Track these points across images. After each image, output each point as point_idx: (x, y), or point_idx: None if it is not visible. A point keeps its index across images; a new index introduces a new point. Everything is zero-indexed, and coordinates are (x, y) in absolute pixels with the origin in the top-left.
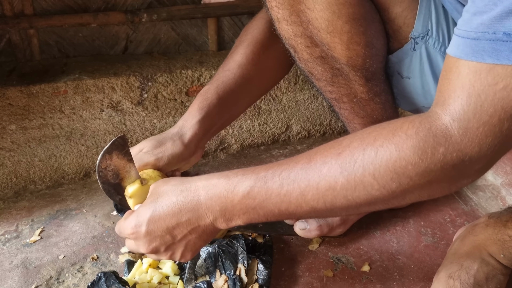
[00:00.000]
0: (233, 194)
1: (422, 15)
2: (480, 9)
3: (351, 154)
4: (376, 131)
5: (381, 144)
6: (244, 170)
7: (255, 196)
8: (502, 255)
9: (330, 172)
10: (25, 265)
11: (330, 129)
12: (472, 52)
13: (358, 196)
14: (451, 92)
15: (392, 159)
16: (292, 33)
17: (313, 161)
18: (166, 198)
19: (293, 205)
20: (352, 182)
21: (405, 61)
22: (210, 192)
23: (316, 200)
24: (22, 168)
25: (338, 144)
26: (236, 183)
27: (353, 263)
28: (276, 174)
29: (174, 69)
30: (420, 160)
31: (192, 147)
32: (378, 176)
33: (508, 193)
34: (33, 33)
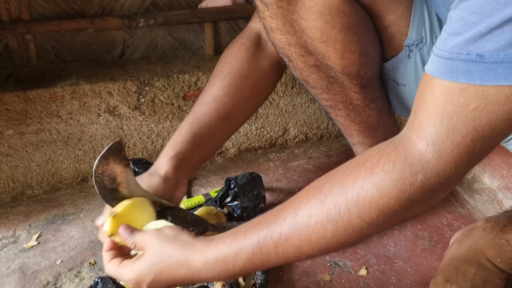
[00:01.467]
0: (234, 265)
1: (416, 23)
2: (455, 30)
3: (334, 201)
4: (354, 172)
5: (361, 185)
6: (236, 237)
7: (255, 262)
8: (499, 259)
9: (318, 223)
10: (22, 270)
11: (327, 132)
12: (446, 71)
13: (349, 237)
14: (426, 113)
15: (374, 198)
16: (286, 42)
17: (299, 215)
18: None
19: (291, 258)
20: (342, 228)
21: (400, 69)
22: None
23: (311, 250)
24: (19, 173)
25: (319, 192)
26: (234, 255)
27: (350, 267)
28: (268, 237)
29: (171, 73)
30: (401, 193)
31: (172, 181)
32: (364, 216)
33: (505, 197)
34: (30, 38)
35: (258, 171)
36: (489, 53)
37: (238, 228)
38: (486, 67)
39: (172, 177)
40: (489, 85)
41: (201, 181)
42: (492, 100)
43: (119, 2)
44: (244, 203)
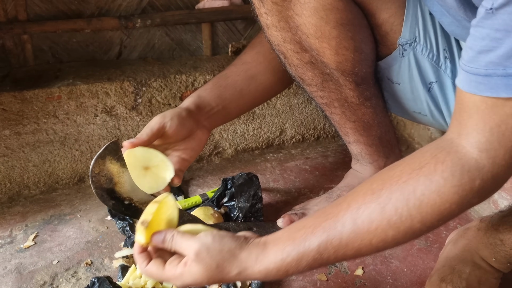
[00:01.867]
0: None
1: (409, 22)
2: (484, 47)
3: (395, 208)
4: (412, 179)
5: (422, 193)
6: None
7: (313, 267)
8: (493, 258)
9: (379, 229)
10: (19, 270)
11: (324, 133)
12: (486, 88)
13: (408, 239)
14: (474, 125)
15: (436, 205)
16: (281, 39)
17: (359, 221)
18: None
19: (348, 259)
20: (402, 232)
21: (394, 67)
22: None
23: (369, 251)
24: (16, 173)
25: (377, 197)
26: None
27: (347, 267)
28: (328, 244)
29: (168, 74)
30: (461, 198)
31: (190, 117)
32: (425, 221)
33: (500, 197)
34: (27, 38)
35: (255, 172)
36: None
37: (292, 233)
38: None
39: (191, 112)
40: None
41: (198, 181)
42: None
43: (116, 3)
44: (241, 203)
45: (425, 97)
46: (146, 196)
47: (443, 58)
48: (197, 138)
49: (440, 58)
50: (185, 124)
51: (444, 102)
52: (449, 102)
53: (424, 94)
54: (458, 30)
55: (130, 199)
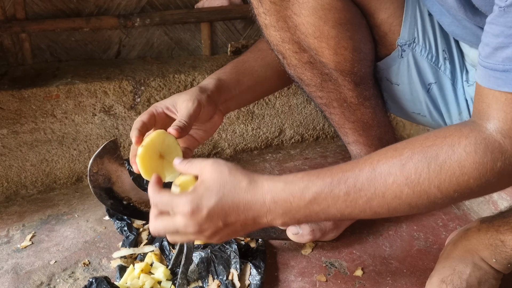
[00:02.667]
0: (299, 200)
1: (408, 23)
2: (500, 44)
3: (415, 167)
4: (436, 146)
5: (444, 160)
6: (309, 175)
7: (321, 201)
8: (494, 259)
9: (396, 183)
10: (16, 270)
11: (323, 133)
12: (504, 83)
13: (421, 204)
14: (495, 114)
15: (455, 175)
16: (280, 39)
17: (377, 170)
18: (233, 192)
19: (357, 210)
20: (418, 193)
21: (393, 68)
22: (277, 196)
23: (380, 207)
24: (13, 173)
25: (399, 154)
26: (303, 189)
27: (346, 268)
28: (342, 181)
29: (167, 73)
30: (481, 174)
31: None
32: (442, 188)
33: (500, 198)
34: (25, 37)
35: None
36: None
37: (310, 171)
38: None
39: (215, 94)
40: None
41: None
42: None
43: (115, 2)
44: None
45: (424, 98)
46: (145, 196)
47: (442, 59)
48: (213, 121)
49: (439, 59)
50: (207, 109)
51: (443, 103)
52: (448, 103)
53: (423, 95)
54: (458, 30)
55: (128, 199)
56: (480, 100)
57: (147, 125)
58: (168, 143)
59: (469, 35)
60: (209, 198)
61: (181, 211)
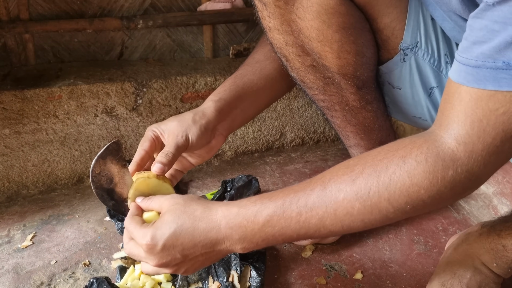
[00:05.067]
0: (253, 223)
1: (411, 27)
2: (479, 38)
3: (365, 181)
4: (387, 158)
5: (393, 171)
6: (262, 198)
7: (275, 224)
8: (495, 264)
9: (346, 199)
10: (16, 270)
11: (324, 137)
12: (474, 79)
13: (374, 219)
14: (455, 117)
15: (405, 186)
16: (283, 42)
17: (328, 188)
18: (188, 223)
19: (312, 230)
20: (369, 208)
21: (395, 72)
22: (231, 222)
23: (334, 225)
24: (15, 173)
25: (350, 170)
26: (256, 213)
27: (346, 271)
28: (293, 202)
29: (169, 75)
30: (432, 184)
31: (211, 126)
32: (393, 201)
33: (500, 202)
34: (29, 37)
35: (254, 174)
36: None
37: (264, 194)
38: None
39: (213, 123)
40: None
41: (198, 184)
42: None
43: (119, 3)
44: None
45: (425, 102)
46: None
47: (444, 63)
48: (210, 146)
49: (441, 63)
50: (204, 137)
51: None
52: None
53: (425, 99)
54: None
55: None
56: (446, 100)
57: (149, 153)
58: (152, 186)
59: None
60: (164, 230)
61: (140, 244)
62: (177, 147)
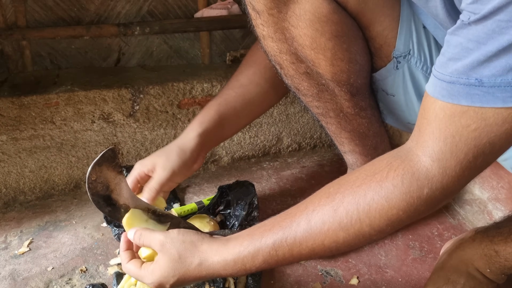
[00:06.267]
0: (250, 266)
1: (403, 35)
2: (454, 55)
3: (346, 210)
4: (365, 184)
5: (371, 198)
6: (252, 240)
7: (270, 263)
8: (488, 269)
9: (331, 230)
10: (13, 276)
11: (320, 142)
12: (448, 94)
13: (359, 242)
14: (431, 133)
15: (384, 210)
16: (277, 50)
17: (313, 221)
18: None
19: (305, 258)
20: (352, 235)
21: (389, 79)
22: (229, 270)
23: (323, 252)
24: (12, 179)
25: (331, 200)
26: (252, 257)
27: (342, 276)
28: (283, 241)
29: (165, 81)
30: (409, 205)
31: (194, 156)
32: (374, 225)
33: (495, 208)
34: (26, 44)
35: (251, 180)
36: (487, 78)
37: (253, 230)
38: (484, 90)
39: (196, 153)
40: (488, 107)
41: (194, 189)
42: (491, 121)
43: (116, 10)
44: (237, 211)
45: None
46: (142, 203)
47: None
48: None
49: None
50: (187, 168)
51: None
52: None
53: (418, 106)
54: None
55: (126, 206)
56: (422, 115)
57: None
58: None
59: None
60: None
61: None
62: (160, 182)
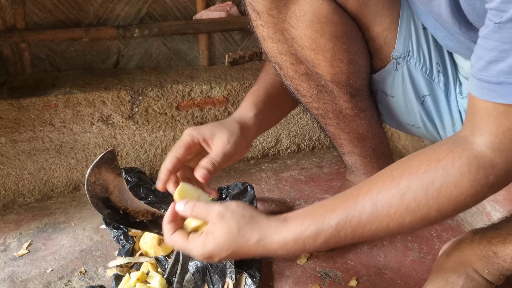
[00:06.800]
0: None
1: (403, 36)
2: (494, 58)
3: (414, 195)
4: (431, 171)
5: (440, 185)
6: (314, 219)
7: (329, 244)
8: (486, 271)
9: (398, 214)
10: (12, 279)
11: (319, 143)
12: (498, 95)
13: (423, 225)
14: (487, 128)
15: (453, 196)
16: (277, 50)
17: (379, 204)
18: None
19: (364, 240)
20: (419, 218)
21: (388, 80)
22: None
23: (386, 234)
24: (11, 181)
25: (396, 184)
26: (314, 238)
27: (341, 278)
28: (347, 222)
29: (165, 83)
30: (477, 192)
31: (253, 136)
32: (442, 210)
33: (493, 209)
34: (25, 47)
35: (250, 181)
36: None
37: (311, 210)
38: None
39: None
40: None
41: None
42: None
43: (115, 12)
44: None
45: (418, 109)
46: (141, 205)
47: (436, 72)
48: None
49: (433, 71)
50: (247, 149)
51: (437, 114)
52: (442, 115)
53: (418, 107)
54: (452, 43)
55: (125, 208)
56: (473, 113)
57: (181, 161)
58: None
59: (463, 49)
60: (223, 247)
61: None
62: (224, 156)
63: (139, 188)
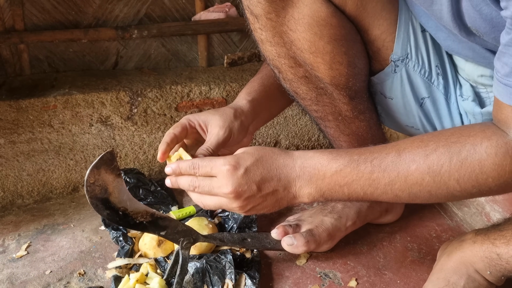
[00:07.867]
0: (326, 168)
1: (401, 39)
2: None
3: (438, 159)
4: (460, 143)
5: (465, 157)
6: (338, 150)
7: (346, 175)
8: (488, 272)
9: (418, 170)
10: (11, 280)
11: (319, 144)
12: None
13: (440, 193)
14: None
15: (475, 172)
16: (276, 54)
17: (402, 156)
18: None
19: (379, 191)
20: (438, 183)
21: (387, 83)
22: (306, 162)
23: (402, 191)
24: (9, 182)
25: (424, 145)
26: (331, 159)
27: (340, 279)
28: (368, 160)
29: (163, 84)
30: (500, 175)
31: (247, 124)
32: (461, 182)
33: (492, 209)
34: (24, 48)
35: None
36: None
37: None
38: None
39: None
40: None
41: None
42: None
43: (114, 13)
44: (235, 214)
45: (417, 112)
46: (141, 206)
47: (435, 75)
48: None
49: (432, 74)
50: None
51: (436, 117)
52: (441, 117)
53: (417, 109)
54: (454, 44)
55: (124, 209)
56: (500, 112)
57: (178, 138)
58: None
59: (465, 50)
60: (246, 159)
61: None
62: (217, 143)
63: (138, 189)
